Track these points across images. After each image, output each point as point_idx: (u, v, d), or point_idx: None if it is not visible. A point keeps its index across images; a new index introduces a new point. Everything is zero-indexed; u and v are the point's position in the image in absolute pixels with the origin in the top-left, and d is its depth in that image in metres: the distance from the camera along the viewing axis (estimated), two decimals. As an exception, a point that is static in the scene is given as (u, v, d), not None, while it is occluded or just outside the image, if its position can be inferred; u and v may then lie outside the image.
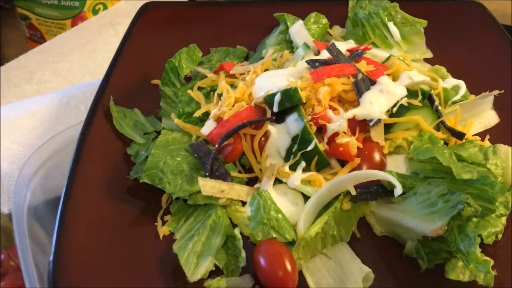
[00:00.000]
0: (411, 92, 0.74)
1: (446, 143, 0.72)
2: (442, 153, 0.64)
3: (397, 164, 0.70)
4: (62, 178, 0.79)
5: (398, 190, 0.62)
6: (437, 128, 0.74)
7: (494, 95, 0.77)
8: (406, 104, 0.72)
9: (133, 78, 0.84)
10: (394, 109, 0.72)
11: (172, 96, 0.80)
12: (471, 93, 0.79)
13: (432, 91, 0.76)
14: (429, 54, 0.88)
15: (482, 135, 0.75)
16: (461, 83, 0.81)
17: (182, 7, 0.95)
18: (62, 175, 0.81)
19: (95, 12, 1.22)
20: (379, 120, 0.70)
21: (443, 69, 0.85)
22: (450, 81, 0.82)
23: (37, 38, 1.28)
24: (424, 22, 0.88)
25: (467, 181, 0.62)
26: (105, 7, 1.22)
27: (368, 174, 0.65)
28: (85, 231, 0.65)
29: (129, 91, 0.82)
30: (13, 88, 1.14)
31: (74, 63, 1.19)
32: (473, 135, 0.74)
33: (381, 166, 0.69)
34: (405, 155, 0.71)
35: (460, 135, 0.72)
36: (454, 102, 0.78)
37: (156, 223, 0.67)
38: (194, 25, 0.93)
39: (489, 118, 0.79)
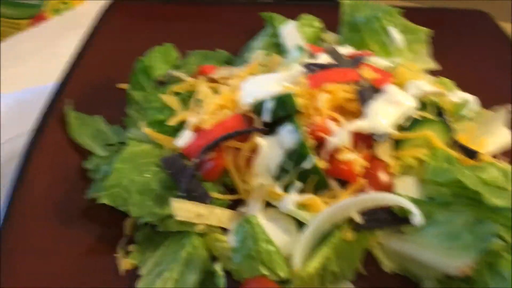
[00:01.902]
0: (421, 104, 0.64)
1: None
2: (466, 175, 0.54)
3: (407, 187, 0.60)
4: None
5: (418, 218, 0.51)
6: (448, 145, 0.64)
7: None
8: (418, 117, 0.62)
9: (95, 81, 0.72)
10: (406, 123, 0.61)
11: (141, 102, 0.68)
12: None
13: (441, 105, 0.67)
14: (433, 65, 0.78)
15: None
16: (469, 97, 0.72)
17: (155, 5, 0.83)
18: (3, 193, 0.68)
19: (56, 12, 1.09)
20: (387, 135, 0.59)
21: (448, 82, 0.75)
22: (458, 94, 0.73)
23: (-9, 40, 1.14)
24: (426, 30, 0.79)
25: (494, 209, 0.52)
26: (68, 6, 1.10)
27: (377, 198, 0.55)
28: (29, 263, 0.52)
29: (91, 95, 0.70)
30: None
31: (31, 67, 1.06)
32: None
33: (389, 189, 0.59)
34: (415, 176, 0.61)
35: (472, 154, 0.62)
36: (468, 118, 0.69)
37: (116, 254, 0.54)
38: (168, 25, 0.82)
39: (502, 135, 0.70)
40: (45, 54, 1.10)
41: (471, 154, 0.63)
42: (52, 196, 0.58)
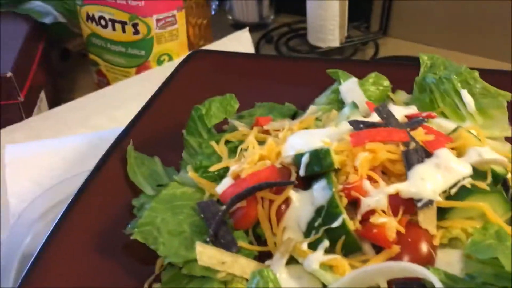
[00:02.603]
0: (479, 173, 0.59)
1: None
2: (507, 254, 0.48)
3: (450, 261, 0.54)
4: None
5: (440, 296, 0.46)
6: (511, 222, 0.57)
7: None
8: (469, 186, 0.56)
9: (163, 125, 0.77)
10: (453, 191, 0.57)
11: (196, 147, 0.71)
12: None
13: (508, 175, 0.60)
14: (510, 133, 0.72)
15: None
16: (550, 172, 0.64)
17: (231, 57, 0.88)
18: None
19: (159, 62, 1.19)
20: (430, 202, 0.55)
21: (528, 151, 0.68)
22: (536, 167, 0.65)
23: (104, 85, 1.27)
24: (509, 95, 0.73)
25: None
26: (171, 58, 1.20)
27: (404, 267, 0.50)
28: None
29: (155, 138, 0.75)
30: (67, 130, 1.12)
31: (132, 111, 1.15)
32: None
33: (429, 261, 0.54)
34: (462, 251, 0.55)
35: (540, 236, 0.55)
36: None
37: (141, 291, 0.57)
38: (241, 77, 0.85)
39: None
40: (146, 99, 1.20)
41: (538, 234, 0.56)
42: (96, 229, 0.62)
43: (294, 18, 1.55)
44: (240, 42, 1.25)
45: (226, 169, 0.65)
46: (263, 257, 0.58)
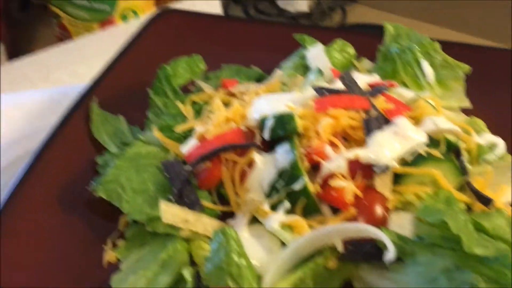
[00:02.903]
0: (434, 141, 0.62)
1: (469, 209, 0.59)
2: (455, 218, 0.51)
3: (402, 224, 0.57)
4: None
5: (390, 254, 0.49)
6: (461, 189, 0.61)
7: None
8: (424, 154, 0.59)
9: (128, 83, 0.76)
10: (409, 158, 0.59)
11: (161, 107, 0.71)
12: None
13: (461, 145, 0.64)
14: (466, 104, 0.75)
15: None
16: (499, 141, 0.68)
17: (199, 18, 0.87)
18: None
19: (124, 18, 1.17)
20: (387, 167, 0.58)
21: (480, 122, 0.72)
22: (487, 137, 0.69)
23: (66, 38, 1.24)
24: (467, 67, 0.76)
25: (483, 259, 0.49)
26: (136, 15, 1.17)
27: (359, 228, 0.53)
28: (21, 241, 0.56)
29: (120, 96, 0.75)
30: (28, 83, 1.09)
31: (94, 68, 1.13)
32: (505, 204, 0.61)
33: (382, 223, 0.57)
34: (413, 214, 0.58)
35: (486, 201, 0.59)
36: (488, 162, 0.65)
37: (104, 246, 0.58)
38: (208, 38, 0.85)
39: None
40: (109, 56, 1.18)
41: (485, 201, 0.59)
42: (59, 185, 0.62)
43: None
44: (208, 2, 1.24)
45: (191, 130, 0.65)
46: (226, 216, 0.60)
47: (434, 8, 1.34)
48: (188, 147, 0.63)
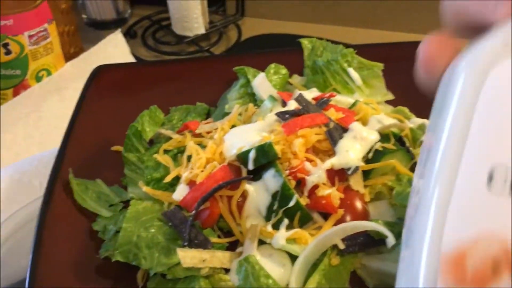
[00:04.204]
0: (383, 136, 0.73)
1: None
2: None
3: (380, 211, 0.69)
4: (19, 265, 0.72)
5: (391, 240, 0.60)
6: (412, 170, 0.73)
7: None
8: (380, 149, 0.71)
9: (91, 146, 0.79)
10: (370, 155, 0.70)
11: (136, 162, 0.75)
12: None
13: (402, 133, 0.76)
14: (390, 96, 0.88)
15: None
16: (426, 122, 0.81)
17: (136, 68, 0.91)
18: (18, 261, 0.74)
19: (38, 79, 1.16)
20: (357, 168, 0.68)
21: (405, 110, 0.85)
22: (415, 121, 0.82)
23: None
24: (381, 65, 0.89)
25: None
26: (49, 73, 1.17)
27: (356, 225, 0.63)
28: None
29: (89, 160, 0.77)
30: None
31: (19, 134, 1.12)
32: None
33: (365, 215, 0.67)
34: (386, 200, 0.69)
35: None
36: (422, 142, 0.78)
37: (133, 304, 0.61)
38: (150, 85, 0.89)
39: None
40: (31, 119, 1.16)
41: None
42: (68, 258, 0.64)
43: (152, 10, 1.58)
44: (116, 45, 1.26)
45: (176, 178, 0.71)
46: (231, 246, 0.66)
47: (320, 8, 1.48)
48: (180, 194, 0.68)
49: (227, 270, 0.64)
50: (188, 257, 0.61)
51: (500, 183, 0.28)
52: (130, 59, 1.24)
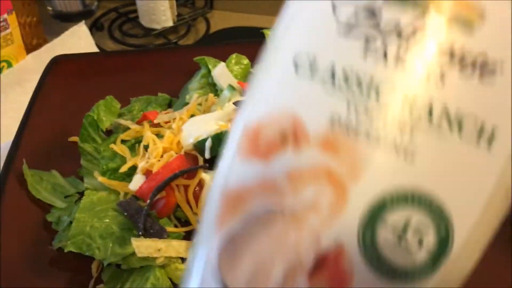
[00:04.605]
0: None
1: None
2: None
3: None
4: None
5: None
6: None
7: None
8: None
9: (48, 137, 0.77)
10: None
11: (93, 153, 0.74)
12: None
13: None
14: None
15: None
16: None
17: (95, 58, 0.90)
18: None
19: (-1, 72, 1.13)
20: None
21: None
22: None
23: None
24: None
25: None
26: (10, 65, 1.14)
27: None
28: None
29: (45, 151, 0.76)
30: None
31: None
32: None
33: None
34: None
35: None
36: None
37: (87, 295, 0.60)
38: (110, 76, 0.88)
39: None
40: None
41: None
42: (21, 251, 0.63)
43: (119, 2, 1.56)
44: (80, 37, 1.24)
45: (133, 168, 0.70)
46: (188, 236, 0.66)
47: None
48: (136, 184, 0.67)
49: (183, 260, 0.63)
50: (142, 246, 0.61)
51: (305, 68, 0.30)
52: (95, 51, 1.22)
